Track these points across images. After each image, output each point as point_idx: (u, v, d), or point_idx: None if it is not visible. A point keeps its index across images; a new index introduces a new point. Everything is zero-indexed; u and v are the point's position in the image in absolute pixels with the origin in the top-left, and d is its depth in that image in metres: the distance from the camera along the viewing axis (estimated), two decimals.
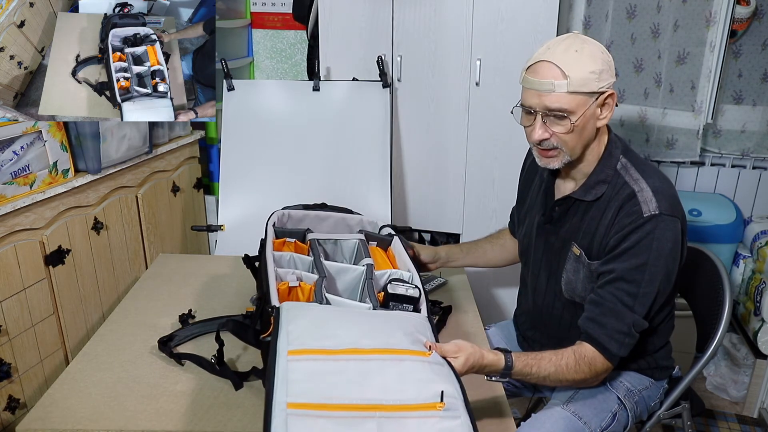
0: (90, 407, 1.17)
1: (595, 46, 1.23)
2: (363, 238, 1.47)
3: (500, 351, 1.18)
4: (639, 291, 1.22)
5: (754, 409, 2.28)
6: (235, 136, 2.21)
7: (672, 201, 1.24)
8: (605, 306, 1.24)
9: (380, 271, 1.30)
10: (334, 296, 1.19)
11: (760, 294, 2.21)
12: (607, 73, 1.21)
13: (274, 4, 2.72)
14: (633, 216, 1.22)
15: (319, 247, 1.40)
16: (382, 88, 2.19)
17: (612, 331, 1.23)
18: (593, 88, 1.20)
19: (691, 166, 2.55)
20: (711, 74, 2.32)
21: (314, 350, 0.96)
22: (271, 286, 1.16)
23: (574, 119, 1.21)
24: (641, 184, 1.25)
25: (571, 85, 1.18)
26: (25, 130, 1.67)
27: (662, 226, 1.21)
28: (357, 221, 1.59)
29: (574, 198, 1.32)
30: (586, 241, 1.31)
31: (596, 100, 1.22)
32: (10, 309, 1.63)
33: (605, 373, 1.28)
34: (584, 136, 1.25)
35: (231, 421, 1.15)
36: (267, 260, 1.26)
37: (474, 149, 2.23)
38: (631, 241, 1.22)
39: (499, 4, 2.06)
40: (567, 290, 1.37)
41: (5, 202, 1.61)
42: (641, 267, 1.21)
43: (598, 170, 1.29)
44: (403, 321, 1.09)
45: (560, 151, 1.26)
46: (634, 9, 2.37)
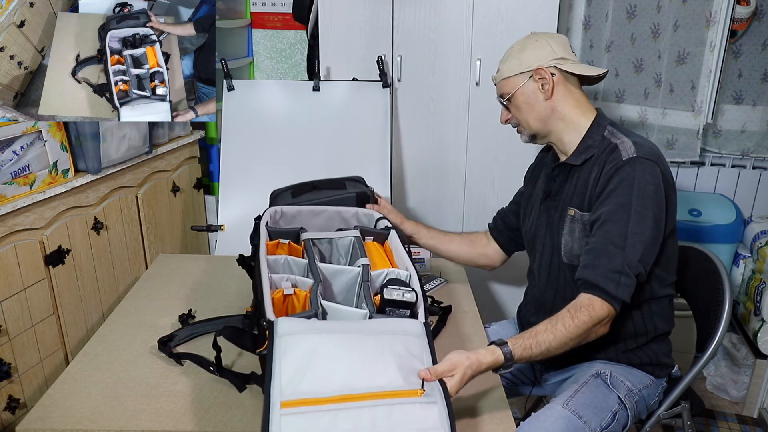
0: (90, 407, 1.17)
1: (530, 38, 1.44)
2: (358, 234, 1.44)
3: (496, 344, 1.18)
4: (627, 230, 1.27)
5: (754, 409, 2.28)
6: (235, 136, 2.21)
7: (651, 150, 1.33)
8: (597, 249, 1.29)
9: (377, 271, 1.28)
10: (330, 303, 1.17)
11: (760, 294, 2.21)
12: (530, 52, 1.40)
13: (274, 4, 2.72)
14: (613, 162, 1.32)
15: (313, 248, 1.37)
16: (382, 88, 2.19)
17: (605, 270, 1.26)
18: (517, 69, 1.41)
19: (691, 166, 2.55)
20: (711, 74, 2.32)
21: (306, 400, 0.95)
22: (266, 295, 1.14)
23: (510, 99, 1.45)
24: (623, 139, 1.36)
25: (501, 73, 1.46)
26: (25, 130, 1.68)
27: (640, 167, 1.29)
28: (352, 214, 1.56)
29: (569, 164, 1.42)
30: (578, 200, 1.39)
31: (529, 78, 1.41)
32: (10, 309, 1.63)
33: (608, 318, 1.26)
34: (535, 111, 1.42)
35: (231, 421, 1.15)
36: (261, 266, 1.24)
37: (474, 149, 2.23)
38: (613, 183, 1.30)
39: (499, 4, 2.06)
40: (566, 253, 1.41)
41: (5, 202, 1.61)
42: (626, 206, 1.28)
43: (586, 137, 1.41)
44: (397, 343, 1.05)
45: (522, 127, 1.48)
46: (634, 9, 2.37)
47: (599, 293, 1.25)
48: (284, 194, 1.64)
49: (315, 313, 1.12)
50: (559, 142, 1.45)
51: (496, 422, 1.18)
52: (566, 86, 1.41)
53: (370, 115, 2.20)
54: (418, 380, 1.01)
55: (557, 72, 1.40)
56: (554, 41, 1.42)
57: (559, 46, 1.41)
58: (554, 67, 1.39)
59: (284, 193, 1.64)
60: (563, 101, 1.41)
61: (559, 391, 1.43)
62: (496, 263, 1.75)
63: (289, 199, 1.61)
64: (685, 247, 1.66)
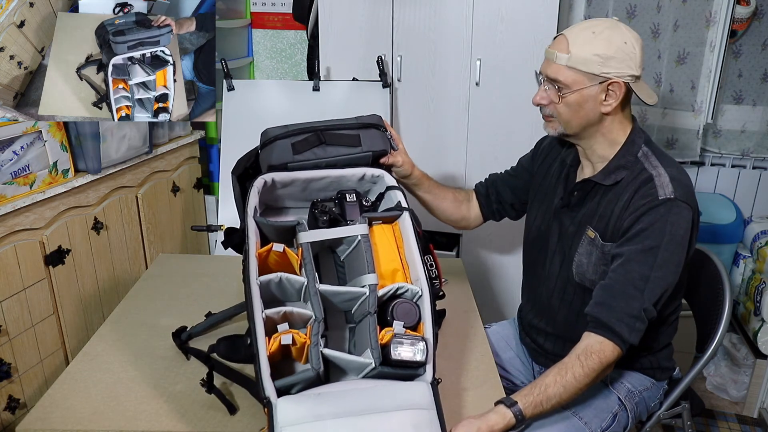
0: (90, 407, 1.17)
1: (619, 35, 1.23)
2: (365, 231, 1.24)
3: (504, 405, 1.14)
4: (651, 274, 1.21)
5: (754, 409, 2.28)
6: (235, 136, 2.21)
7: (687, 190, 1.25)
8: (615, 288, 1.23)
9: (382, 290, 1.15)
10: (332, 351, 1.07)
11: (760, 294, 2.21)
12: (617, 61, 1.22)
13: (274, 4, 2.72)
14: (648, 198, 1.23)
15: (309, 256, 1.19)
16: (382, 88, 2.18)
17: (622, 314, 1.20)
18: (594, 70, 1.23)
19: (691, 166, 2.55)
20: (711, 74, 2.32)
21: None
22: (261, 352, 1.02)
23: (565, 92, 1.26)
24: (659, 170, 1.27)
25: (571, 60, 1.24)
26: (25, 130, 1.67)
27: (676, 211, 1.21)
28: (358, 178, 1.33)
29: (594, 182, 1.34)
30: (602, 225, 1.31)
31: (599, 84, 1.24)
32: (10, 309, 1.63)
33: (615, 362, 1.23)
34: (581, 115, 1.28)
35: (231, 421, 1.15)
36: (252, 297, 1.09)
37: (474, 149, 2.23)
38: (644, 223, 1.22)
39: (499, 4, 2.05)
40: (578, 273, 1.36)
41: (5, 202, 1.61)
42: (654, 249, 1.21)
43: (619, 155, 1.31)
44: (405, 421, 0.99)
45: (555, 120, 1.32)
46: (634, 9, 2.37)
47: (612, 337, 1.20)
48: (282, 144, 1.30)
49: (316, 374, 1.03)
50: (589, 150, 1.35)
51: None
52: (624, 103, 1.30)
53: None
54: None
55: (626, 89, 1.27)
56: (640, 51, 1.26)
57: (641, 59, 1.27)
58: (628, 84, 1.26)
59: (282, 143, 1.30)
60: (614, 116, 1.30)
61: None
62: (470, 225, 1.67)
63: (289, 155, 1.29)
64: None
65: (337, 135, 1.32)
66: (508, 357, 1.61)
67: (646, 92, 1.29)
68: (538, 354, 1.54)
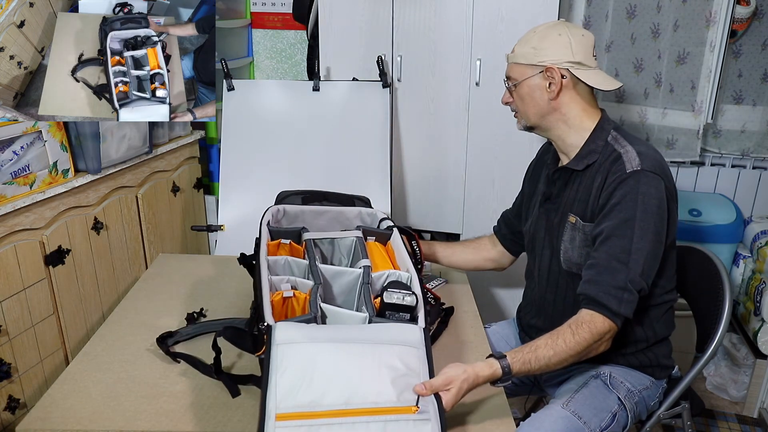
0: (90, 407, 1.17)
1: (556, 30, 1.36)
2: (360, 235, 1.44)
3: (494, 357, 1.19)
4: (631, 246, 1.25)
5: (754, 409, 2.29)
6: (235, 136, 2.21)
7: (655, 162, 1.30)
8: (600, 265, 1.27)
9: (378, 273, 1.28)
10: (329, 306, 1.16)
11: (760, 294, 2.21)
12: (551, 50, 1.34)
13: (274, 4, 2.72)
14: (617, 173, 1.30)
15: (315, 249, 1.37)
16: (382, 88, 2.19)
17: (608, 287, 1.24)
18: (531, 60, 1.36)
19: (691, 166, 2.55)
20: (711, 74, 2.32)
21: (301, 414, 0.97)
22: (265, 299, 1.14)
23: (515, 85, 1.41)
24: (627, 147, 1.33)
25: (514, 57, 1.41)
26: (25, 130, 1.68)
27: (645, 180, 1.27)
28: (355, 214, 1.55)
29: (570, 168, 1.40)
30: (580, 208, 1.37)
31: (540, 73, 1.36)
32: (10, 309, 1.63)
33: (610, 334, 1.26)
34: (533, 104, 1.39)
35: (231, 421, 1.15)
36: (261, 268, 1.23)
37: (474, 149, 2.23)
38: (617, 197, 1.28)
39: (499, 4, 2.06)
40: (564, 260, 1.41)
41: (5, 202, 1.61)
42: (630, 221, 1.26)
43: (588, 141, 1.38)
44: (394, 356, 1.05)
45: (519, 115, 1.45)
46: (634, 9, 2.37)
47: (601, 309, 1.24)
48: (293, 198, 1.62)
49: (314, 317, 1.11)
50: (560, 141, 1.42)
51: (496, 422, 1.18)
52: (575, 90, 1.37)
53: (370, 115, 2.20)
54: (413, 397, 1.02)
55: (568, 75, 1.35)
56: (577, 41, 1.34)
57: (580, 48, 1.34)
58: (567, 70, 1.34)
59: (293, 197, 1.62)
60: (568, 104, 1.37)
61: (559, 391, 1.43)
62: (504, 265, 1.75)
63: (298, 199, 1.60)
64: (685, 247, 1.66)
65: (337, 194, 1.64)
66: None
67: (597, 79, 1.36)
68: None
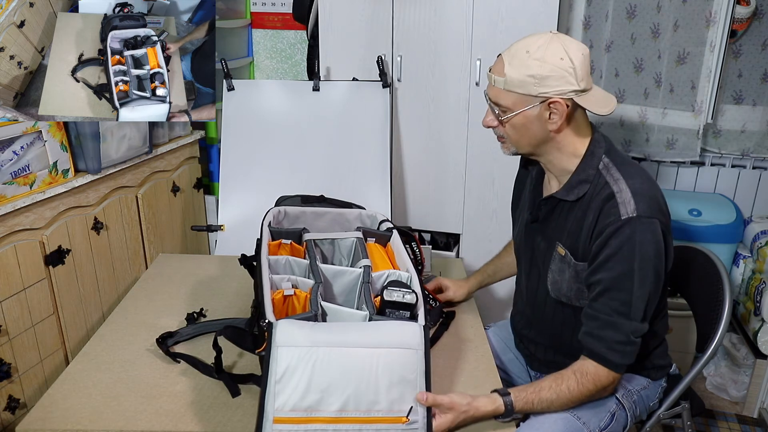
0: (90, 407, 1.17)
1: (554, 51, 1.19)
2: (360, 236, 1.44)
3: (499, 393, 1.19)
4: (631, 298, 1.21)
5: (754, 409, 2.28)
6: (235, 136, 2.21)
7: (651, 202, 1.22)
8: (601, 319, 1.23)
9: (378, 272, 1.28)
10: (330, 304, 1.17)
11: (760, 294, 2.21)
12: (554, 80, 1.19)
13: (274, 4, 2.72)
14: (611, 218, 1.22)
15: (315, 249, 1.38)
16: (382, 88, 2.19)
17: (611, 342, 1.22)
18: (531, 91, 1.21)
19: (691, 166, 2.55)
20: (711, 74, 2.32)
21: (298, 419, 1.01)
22: (266, 296, 1.14)
23: (507, 115, 1.26)
24: (621, 184, 1.24)
25: (507, 83, 1.23)
26: (25, 130, 1.68)
27: (641, 228, 1.19)
28: (355, 216, 1.55)
29: (558, 198, 1.32)
30: (570, 242, 1.31)
31: (540, 104, 1.22)
32: (10, 309, 1.63)
33: (612, 384, 1.27)
34: (529, 135, 1.27)
35: (231, 421, 1.15)
36: (262, 267, 1.24)
37: (474, 149, 2.23)
38: (612, 248, 1.21)
39: (499, 4, 2.06)
40: (553, 290, 1.37)
41: (5, 202, 1.61)
42: (628, 274, 1.20)
43: (579, 170, 1.29)
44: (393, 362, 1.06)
45: (506, 141, 1.32)
46: (634, 9, 2.37)
47: (606, 364, 1.23)
48: (293, 200, 1.64)
49: (315, 315, 1.12)
50: (550, 165, 1.34)
51: (496, 422, 1.19)
52: (573, 116, 1.26)
53: (370, 115, 2.20)
54: (405, 407, 1.05)
55: (571, 104, 1.23)
56: (579, 63, 1.20)
57: (582, 71, 1.21)
58: (571, 99, 1.22)
59: (293, 199, 1.64)
60: (565, 131, 1.27)
61: None
62: None
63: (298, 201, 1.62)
64: (685, 247, 1.66)
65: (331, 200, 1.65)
66: (508, 358, 1.61)
67: (597, 102, 1.24)
68: (533, 360, 1.55)
